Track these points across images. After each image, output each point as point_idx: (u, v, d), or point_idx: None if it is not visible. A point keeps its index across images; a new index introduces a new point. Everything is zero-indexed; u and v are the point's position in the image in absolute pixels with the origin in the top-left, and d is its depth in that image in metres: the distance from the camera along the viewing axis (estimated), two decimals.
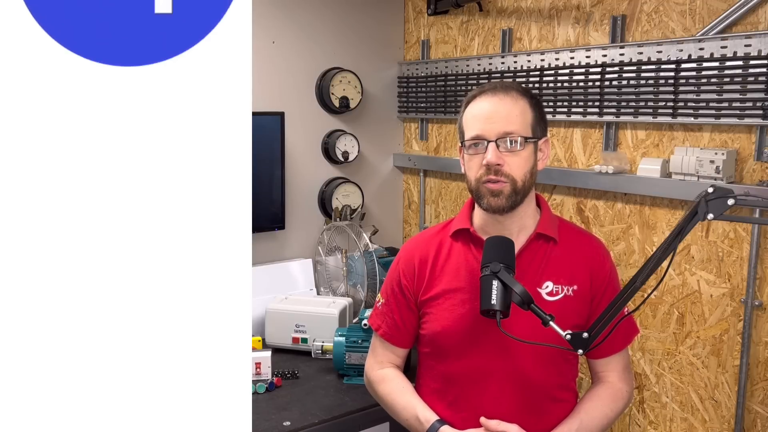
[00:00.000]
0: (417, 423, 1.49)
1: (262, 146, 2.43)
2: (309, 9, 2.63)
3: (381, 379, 1.61)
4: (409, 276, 1.58)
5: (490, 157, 1.41)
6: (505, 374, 1.46)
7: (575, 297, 1.48)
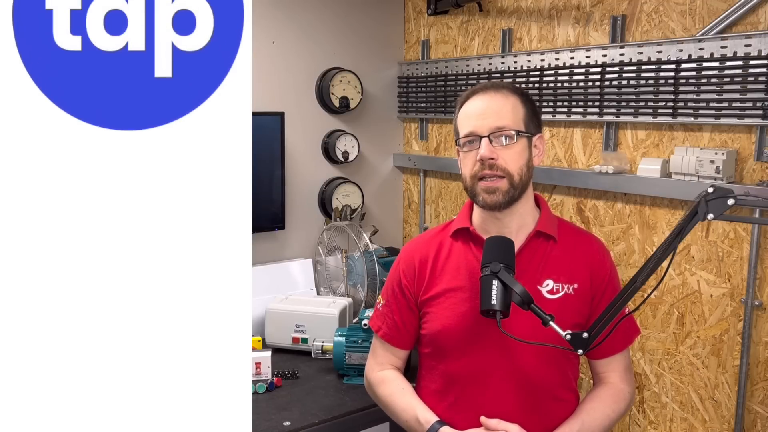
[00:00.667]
0: (417, 424, 1.49)
1: (262, 146, 2.43)
2: (309, 9, 2.63)
3: (381, 381, 1.61)
4: (410, 276, 1.58)
5: (483, 151, 1.42)
6: (506, 373, 1.46)
7: (576, 295, 1.48)
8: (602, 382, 1.54)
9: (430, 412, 1.49)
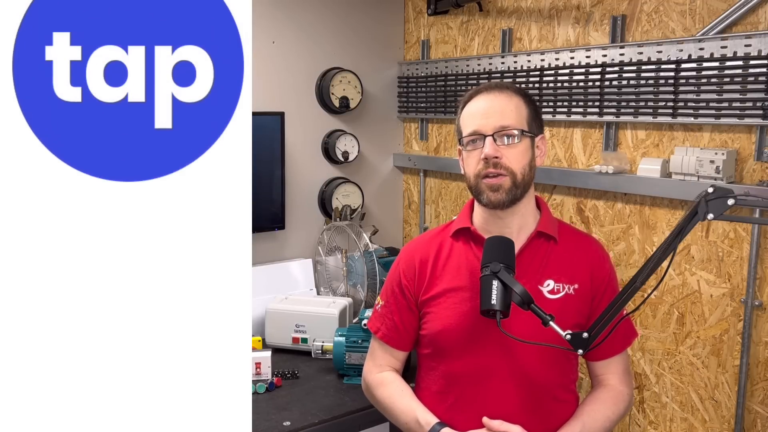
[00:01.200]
0: (417, 426, 1.48)
1: (262, 146, 2.43)
2: (309, 9, 2.63)
3: (379, 383, 1.60)
4: (410, 276, 1.57)
5: (487, 150, 1.42)
6: (507, 373, 1.46)
7: (576, 296, 1.48)
8: (601, 384, 1.54)
9: (430, 414, 1.49)
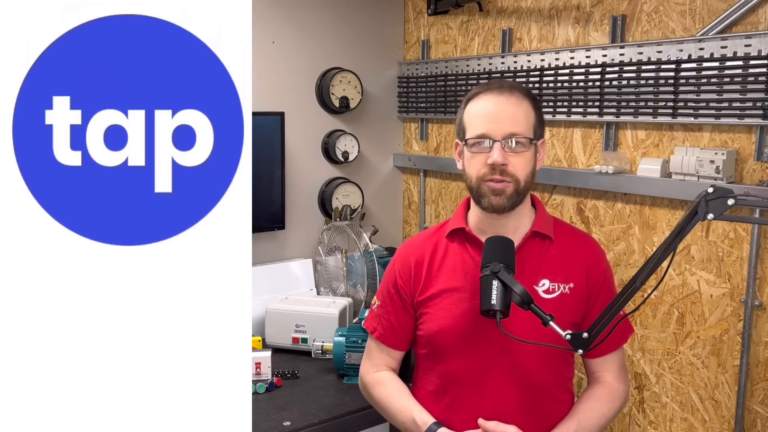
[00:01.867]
0: (414, 426, 1.48)
1: (262, 146, 2.43)
2: (309, 9, 2.63)
3: (377, 383, 1.60)
4: (406, 277, 1.57)
5: (496, 156, 1.40)
6: (504, 373, 1.46)
7: (572, 295, 1.48)
8: (597, 382, 1.54)
9: (427, 414, 1.49)
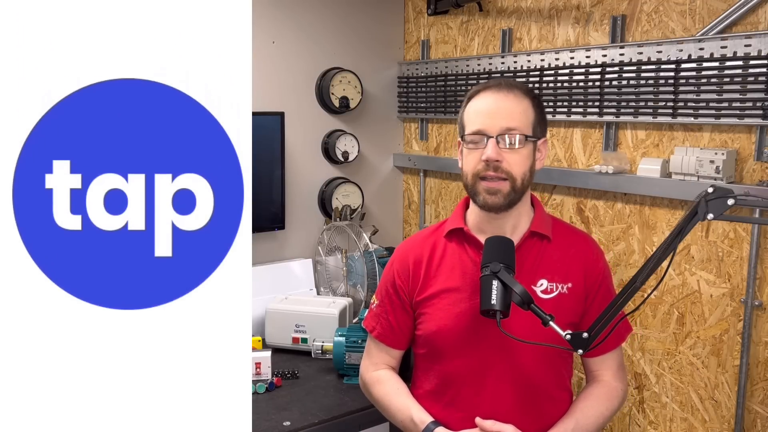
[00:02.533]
0: (412, 425, 1.49)
1: (262, 146, 2.43)
2: (309, 9, 2.63)
3: (376, 381, 1.61)
4: (404, 277, 1.57)
5: (489, 152, 1.40)
6: (502, 373, 1.46)
7: (570, 295, 1.48)
8: (595, 380, 1.55)
9: (425, 413, 1.49)
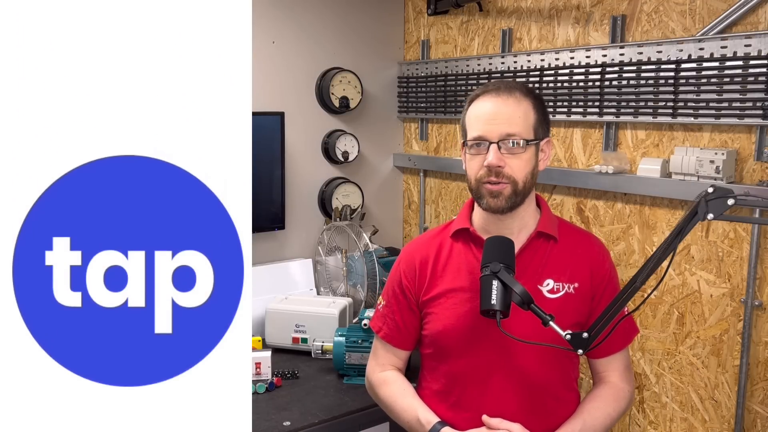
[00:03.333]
0: (418, 425, 1.49)
1: (262, 146, 2.43)
2: (309, 9, 2.63)
3: (382, 382, 1.61)
4: (410, 277, 1.58)
5: (491, 158, 1.41)
6: (507, 373, 1.46)
7: (576, 295, 1.48)
8: (602, 382, 1.55)
9: (431, 413, 1.49)
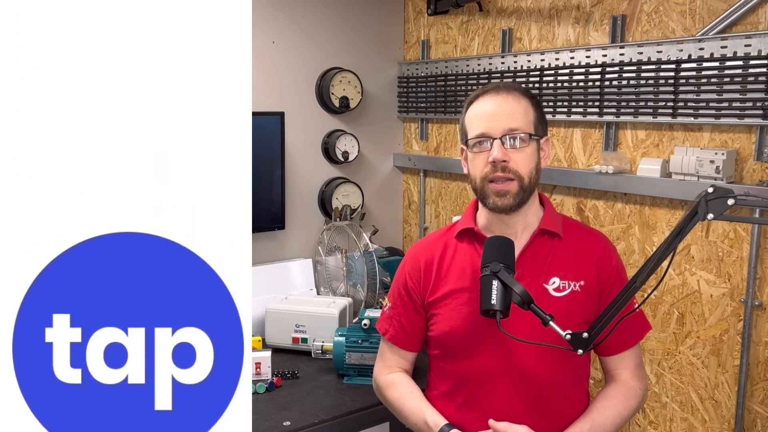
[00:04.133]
0: (425, 427, 1.48)
1: (262, 146, 2.43)
2: (309, 9, 2.63)
3: (389, 384, 1.61)
4: (416, 278, 1.58)
5: (496, 153, 1.41)
6: (512, 373, 1.46)
7: (582, 292, 1.47)
8: (613, 380, 1.53)
9: (439, 415, 1.49)
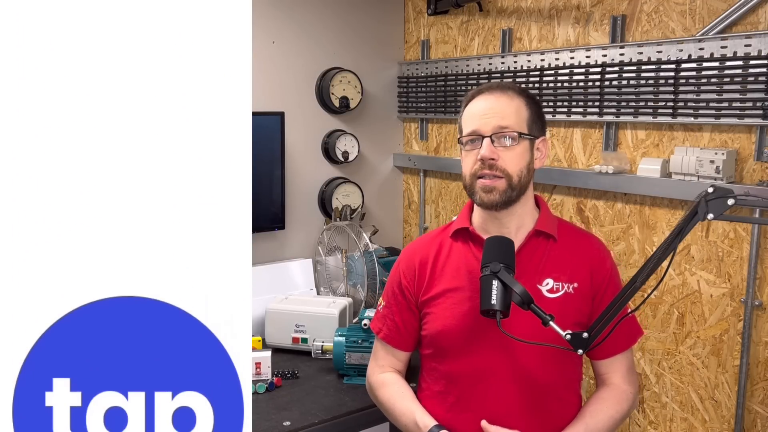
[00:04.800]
0: (415, 428, 1.48)
1: (262, 146, 2.43)
2: (309, 9, 2.63)
3: (381, 384, 1.61)
4: (410, 277, 1.58)
5: (484, 151, 1.43)
6: (507, 374, 1.46)
7: (576, 294, 1.48)
8: (605, 384, 1.54)
9: (429, 417, 1.49)
